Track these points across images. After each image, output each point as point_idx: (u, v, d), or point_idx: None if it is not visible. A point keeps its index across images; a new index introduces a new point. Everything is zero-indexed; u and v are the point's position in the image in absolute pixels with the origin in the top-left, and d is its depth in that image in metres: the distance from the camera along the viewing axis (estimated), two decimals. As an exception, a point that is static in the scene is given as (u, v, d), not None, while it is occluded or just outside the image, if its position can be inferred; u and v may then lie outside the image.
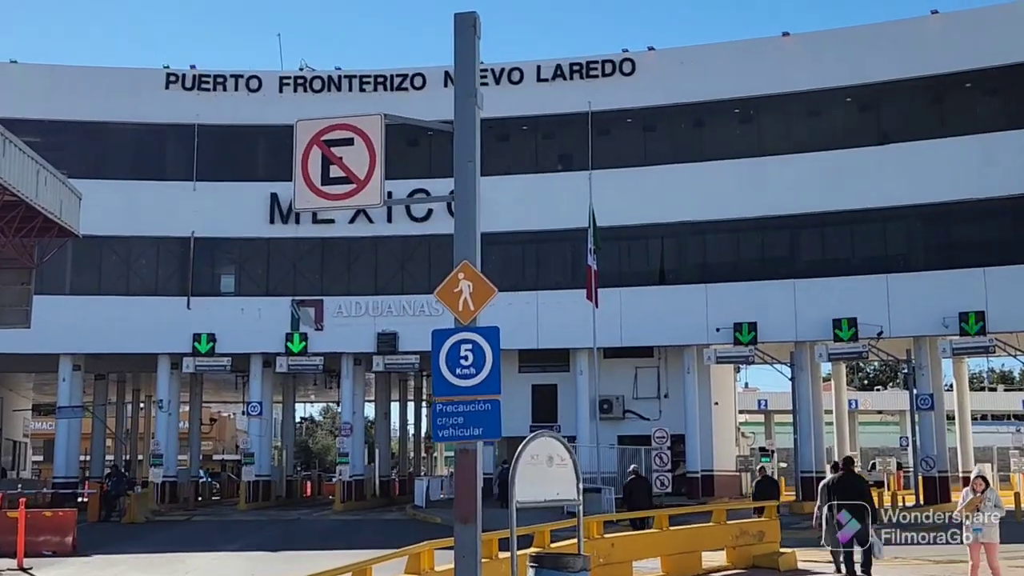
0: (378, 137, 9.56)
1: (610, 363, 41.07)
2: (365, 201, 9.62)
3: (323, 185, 9.59)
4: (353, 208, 9.31)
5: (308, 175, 9.62)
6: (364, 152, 9.55)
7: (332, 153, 9.58)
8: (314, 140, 9.65)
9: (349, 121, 9.65)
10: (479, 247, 9.44)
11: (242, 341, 41.02)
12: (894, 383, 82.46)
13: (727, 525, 17.16)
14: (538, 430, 34.68)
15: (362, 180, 9.53)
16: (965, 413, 45.24)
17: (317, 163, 9.63)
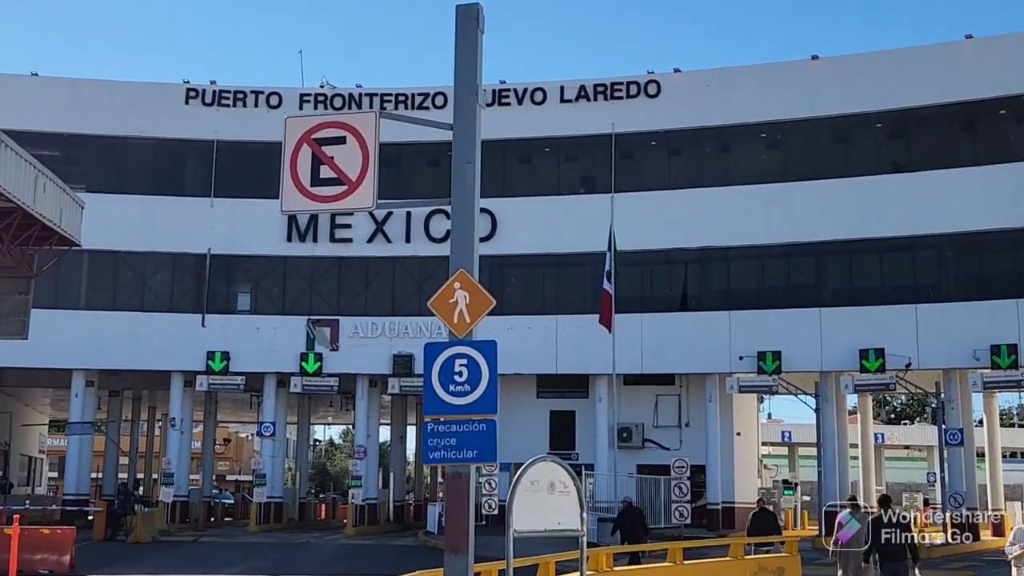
0: (372, 136, 8.90)
1: (630, 390, 40.31)
2: (356, 204, 8.94)
3: (312, 187, 8.93)
4: (344, 211, 8.56)
5: (297, 175, 8.97)
6: (357, 152, 8.89)
7: (323, 152, 8.93)
8: (304, 138, 8.99)
9: (342, 119, 9.00)
10: (476, 255, 8.74)
11: (256, 360, 40.47)
12: (921, 417, 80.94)
13: (745, 560, 16.30)
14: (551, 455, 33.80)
15: (354, 181, 8.87)
16: (996, 449, 43.99)
17: (307, 163, 8.97)
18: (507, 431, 40.52)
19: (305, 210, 9.07)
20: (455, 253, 8.71)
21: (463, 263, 8.65)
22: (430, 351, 8.62)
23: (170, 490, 38.67)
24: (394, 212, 40.48)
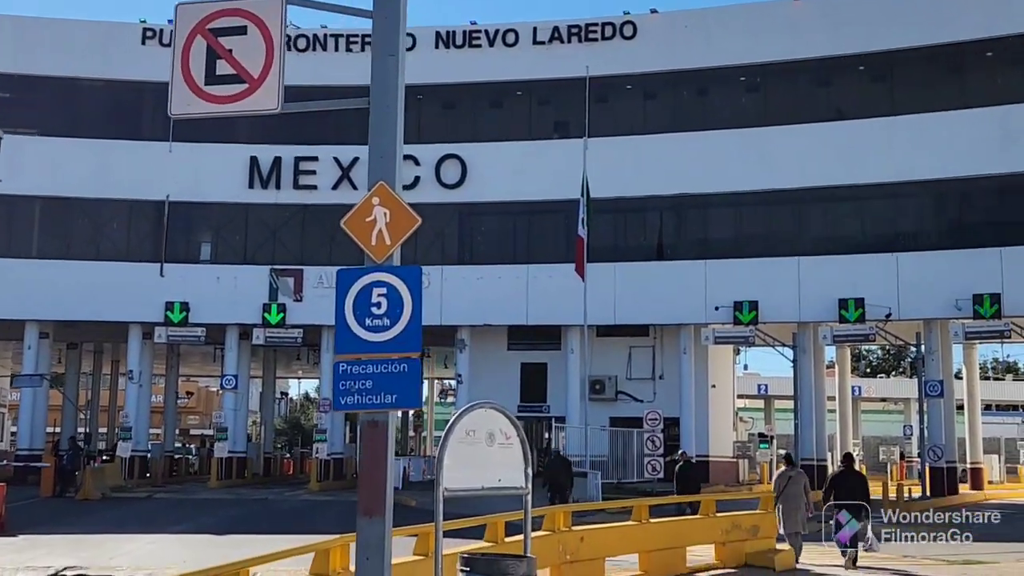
0: (278, 25, 7.54)
1: (603, 342, 39.22)
2: (258, 105, 7.60)
3: (207, 85, 7.59)
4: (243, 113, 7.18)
5: (189, 72, 7.62)
6: (260, 43, 7.54)
7: (220, 45, 7.57)
8: (198, 29, 7.63)
9: (241, 5, 7.60)
10: (399, 164, 7.41)
11: (217, 311, 39.06)
12: (898, 372, 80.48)
13: (716, 518, 15.17)
14: (522, 408, 32.65)
15: (256, 79, 7.53)
16: (975, 401, 43.13)
17: (201, 57, 7.62)
18: (477, 384, 39.70)
19: (199, 113, 7.71)
20: (374, 162, 7.40)
21: (383, 174, 7.34)
22: (343, 279, 7.36)
23: (127, 445, 37.36)
24: (360, 158, 38.92)
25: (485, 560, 7.74)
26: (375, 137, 7.39)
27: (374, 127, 7.40)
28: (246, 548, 14.17)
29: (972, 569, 15.86)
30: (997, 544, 20.47)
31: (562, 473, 25.09)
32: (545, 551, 11.98)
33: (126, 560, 15.72)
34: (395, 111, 7.36)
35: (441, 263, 39.36)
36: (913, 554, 18.41)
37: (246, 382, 41.67)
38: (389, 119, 7.34)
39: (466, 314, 38.83)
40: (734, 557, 15.01)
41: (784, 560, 15.13)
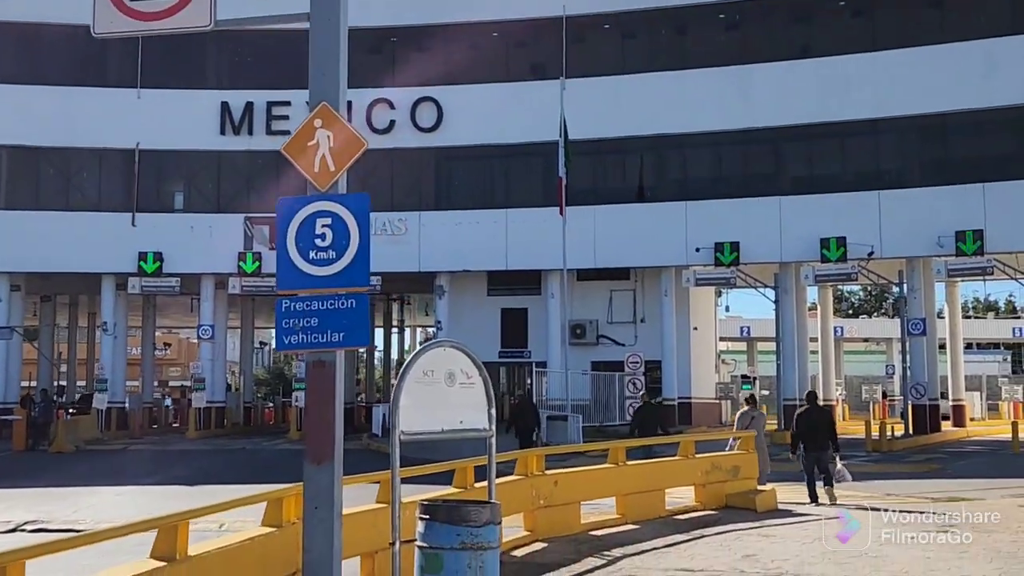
0: (209, -64, 6.93)
1: (584, 286, 38.84)
2: (189, 22, 7.03)
3: (133, 1, 6.98)
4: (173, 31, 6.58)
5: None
6: (189, -44, 6.93)
7: (147, -42, 6.96)
8: (123, -60, 7.01)
9: (169, -87, 6.99)
10: (344, 82, 6.85)
11: (192, 261, 38.44)
12: (879, 312, 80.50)
13: (696, 459, 14.80)
14: (503, 354, 32.20)
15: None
16: (957, 339, 43.09)
17: (126, -28, 7.00)
18: (457, 330, 39.24)
19: (124, 32, 7.15)
20: (315, 80, 6.83)
21: (326, 93, 6.79)
22: (285, 209, 6.83)
23: (103, 396, 36.84)
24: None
25: (446, 507, 7.31)
26: (316, 53, 6.82)
27: (315, 42, 6.83)
28: (214, 498, 13.75)
29: (957, 507, 15.55)
30: (981, 481, 20.33)
31: (529, 415, 25.09)
32: (517, 496, 11.61)
33: (89, 513, 15.30)
34: (337, 22, 6.79)
35: (418, 209, 38.81)
36: (897, 492, 18.19)
37: (223, 332, 41.16)
38: (331, 32, 6.77)
39: (445, 260, 38.34)
40: (714, 499, 14.68)
41: (765, 501, 14.82)
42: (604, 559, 10.79)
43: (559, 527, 12.09)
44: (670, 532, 12.50)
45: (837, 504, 15.67)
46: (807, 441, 15.96)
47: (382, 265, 38.43)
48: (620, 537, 12.24)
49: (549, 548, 11.46)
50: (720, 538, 12.12)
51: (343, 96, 6.83)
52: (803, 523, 13.53)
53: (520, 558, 10.98)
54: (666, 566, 10.37)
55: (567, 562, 10.61)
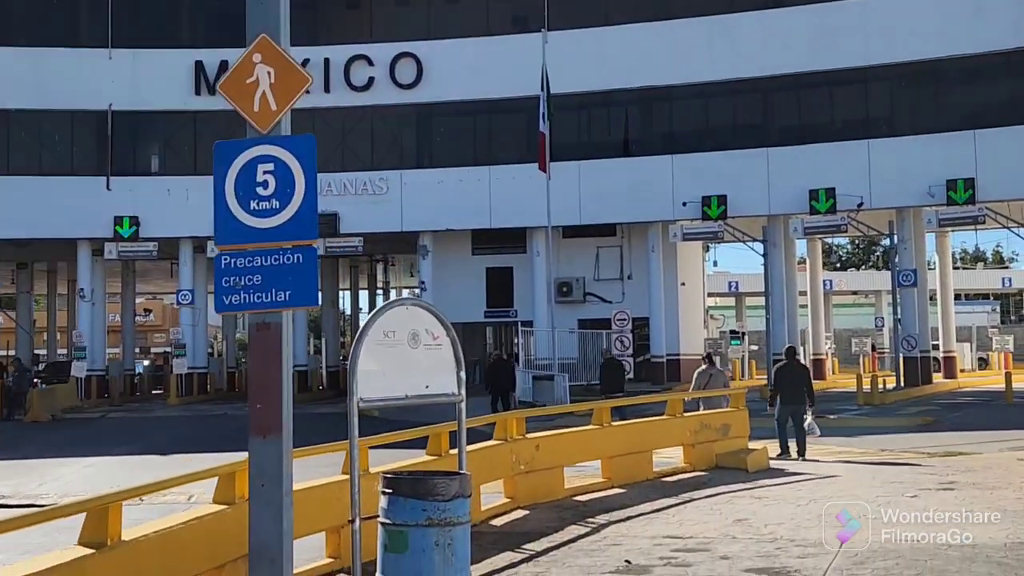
0: None
1: (569, 243, 38.28)
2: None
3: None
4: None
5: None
6: None
7: None
8: None
9: None
10: (286, 11, 6.14)
11: (169, 224, 37.63)
12: (868, 266, 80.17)
13: (684, 418, 14.24)
14: (489, 314, 31.60)
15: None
16: (948, 290, 42.61)
17: None
18: (441, 291, 38.59)
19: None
20: (252, 9, 6.11)
21: (265, 24, 6.08)
22: (221, 154, 6.13)
23: (83, 364, 36.20)
24: (311, 59, 37.09)
25: (411, 480, 6.70)
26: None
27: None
28: (187, 467, 13.15)
29: (954, 461, 15.09)
30: (975, 433, 19.86)
31: (502, 376, 24.84)
32: (496, 462, 11.04)
33: (56, 486, 14.71)
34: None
35: (399, 167, 38.05)
36: (891, 447, 17.71)
37: (204, 297, 40.36)
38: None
39: (427, 219, 37.64)
40: (704, 459, 14.12)
41: (757, 460, 14.27)
42: (588, 527, 10.23)
43: (541, 493, 11.53)
44: (658, 496, 11.94)
45: (806, 459, 15.34)
46: (785, 395, 16.11)
47: (363, 225, 37.87)
48: (605, 502, 11.69)
49: (530, 516, 10.90)
50: (710, 501, 11.57)
51: (285, 27, 6.13)
52: (797, 483, 13.00)
53: (499, 527, 10.42)
54: (653, 533, 9.81)
55: (549, 531, 10.05)
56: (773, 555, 8.74)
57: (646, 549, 9.08)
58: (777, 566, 8.34)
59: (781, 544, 9.18)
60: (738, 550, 8.95)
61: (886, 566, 8.19)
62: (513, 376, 25.76)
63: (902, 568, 8.11)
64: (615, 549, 9.13)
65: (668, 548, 9.10)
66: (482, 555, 9.00)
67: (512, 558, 8.88)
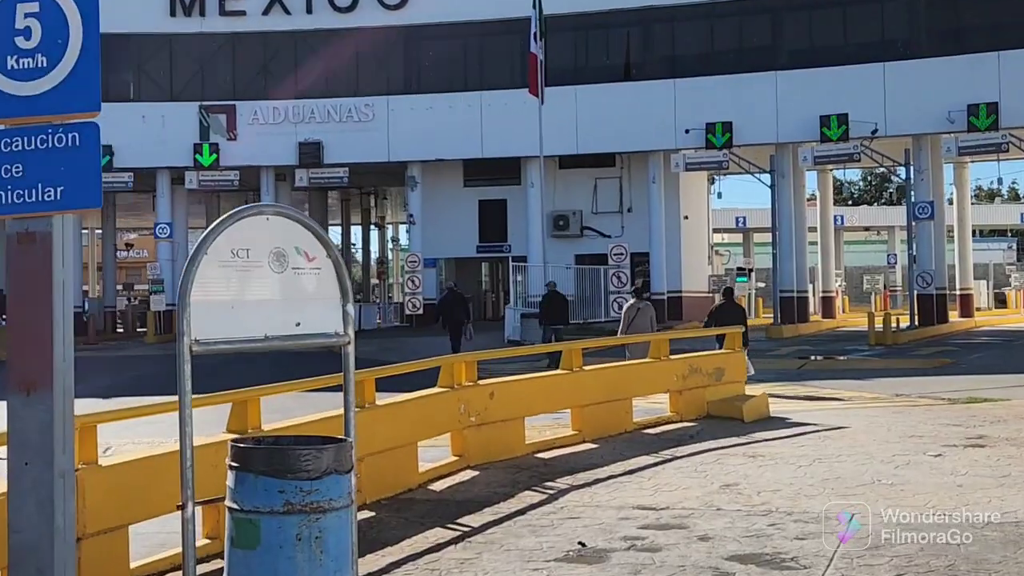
0: None
1: (566, 174, 36.41)
2: None
3: None
4: None
5: None
6: None
7: None
8: None
9: None
10: None
11: (145, 154, 35.75)
12: (880, 202, 77.95)
13: (670, 361, 12.42)
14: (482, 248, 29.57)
15: None
16: (966, 225, 40.58)
17: None
18: (432, 223, 36.73)
19: None
20: None
21: None
22: (-38, -11, 4.24)
23: (55, 302, 34.47)
24: (292, -22, 35.08)
25: (264, 451, 4.95)
26: None
27: None
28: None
29: (980, 409, 13.31)
30: (998, 377, 18.09)
31: (457, 308, 23.87)
32: (439, 413, 9.29)
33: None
34: None
35: (386, 93, 36.05)
36: (907, 391, 15.94)
37: (184, 231, 38.65)
38: None
39: (416, 149, 35.75)
40: (693, 407, 12.34)
41: (755, 408, 12.50)
42: (544, 493, 8.49)
43: (497, 450, 9.79)
44: (635, 453, 10.18)
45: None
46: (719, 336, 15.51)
47: (349, 155, 35.96)
48: (572, 460, 9.94)
49: (479, 478, 9.17)
50: (695, 460, 9.80)
51: None
52: (798, 436, 11.23)
53: (438, 493, 8.69)
54: (621, 502, 8.07)
55: (496, 498, 8.31)
56: (765, 534, 6.98)
57: (609, 525, 7.34)
58: (768, 551, 6.58)
59: (776, 518, 7.42)
60: (722, 527, 7.20)
61: (908, 552, 6.43)
62: (468, 309, 24.79)
63: (927, 557, 6.34)
64: (571, 525, 7.39)
65: (636, 523, 7.36)
66: (403, 533, 7.29)
67: (439, 537, 7.15)
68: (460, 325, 23.36)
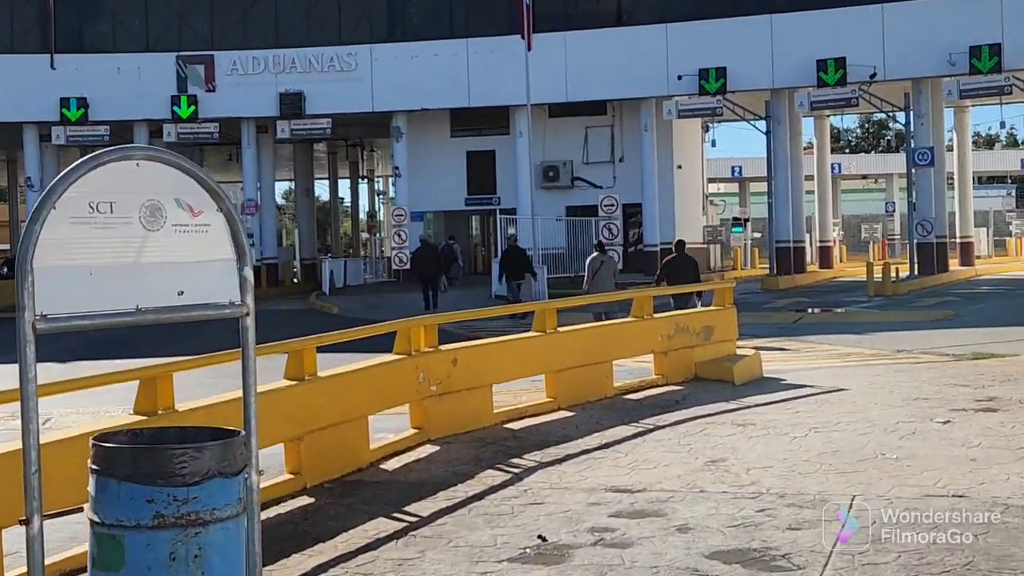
0: None
1: (556, 123, 35.52)
2: None
3: None
4: None
5: None
6: None
7: None
8: None
9: None
10: None
11: (121, 107, 34.73)
12: (878, 150, 76.75)
13: (654, 320, 11.49)
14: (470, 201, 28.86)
15: None
16: (966, 171, 39.59)
17: None
18: (419, 176, 35.66)
19: None
20: None
21: None
22: None
23: (31, 260, 33.49)
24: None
25: (129, 453, 4.04)
26: None
27: None
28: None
29: (987, 367, 12.43)
30: (1004, 330, 17.22)
31: (431, 263, 23.91)
32: (395, 383, 8.39)
33: None
34: None
35: (369, 41, 34.94)
36: (908, 347, 15.08)
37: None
38: None
39: (401, 99, 34.70)
40: (680, 369, 11.44)
41: (746, 369, 11.60)
42: (507, 472, 7.60)
43: (462, 421, 8.89)
44: (613, 422, 9.29)
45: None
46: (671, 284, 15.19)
47: (331, 106, 34.83)
48: (544, 431, 9.05)
49: (439, 455, 8.28)
50: (679, 430, 8.90)
51: None
52: (794, 401, 10.34)
53: (390, 473, 7.80)
54: (593, 483, 7.18)
55: (454, 480, 7.42)
56: (754, 523, 6.10)
57: (576, 512, 6.45)
58: (756, 546, 5.69)
59: (767, 502, 6.54)
60: (705, 514, 6.31)
61: (918, 547, 5.55)
62: (440, 263, 25.08)
63: (941, 552, 5.46)
64: (533, 512, 6.51)
65: (607, 510, 6.47)
66: (341, 525, 6.40)
67: (381, 530, 6.26)
68: (434, 279, 22.90)
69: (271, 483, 7.17)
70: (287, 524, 6.50)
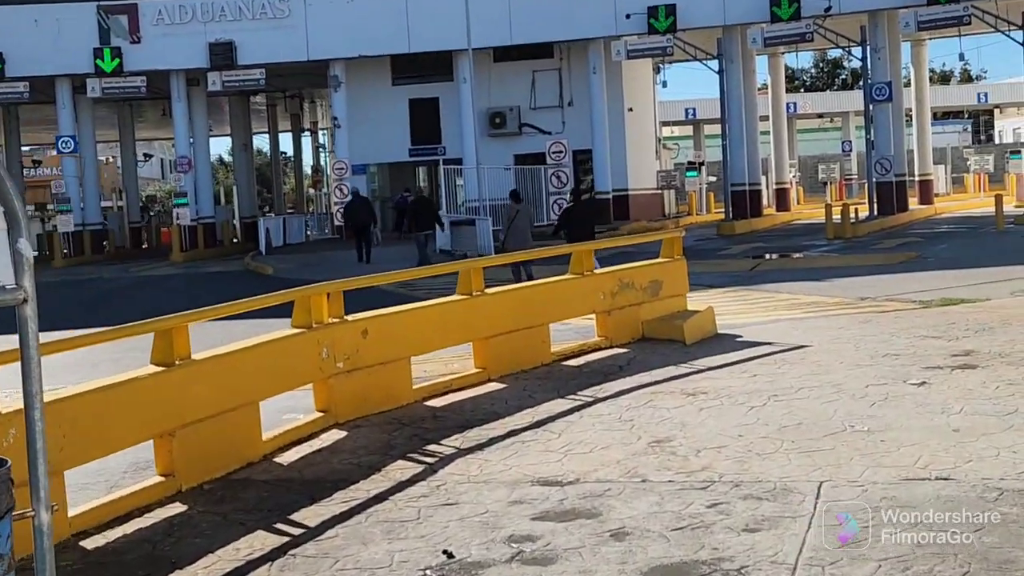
0: None
1: (501, 67, 34.12)
2: None
3: None
4: None
5: None
6: None
7: None
8: None
9: None
10: None
11: (40, 61, 32.88)
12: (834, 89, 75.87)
13: (594, 277, 10.39)
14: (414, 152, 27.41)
15: None
16: (924, 107, 38.69)
17: None
18: (360, 127, 34.10)
19: None
20: None
21: None
22: None
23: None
24: None
25: None
26: None
27: None
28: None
29: (959, 313, 11.49)
30: (971, 272, 16.32)
31: (363, 212, 24.07)
32: (293, 360, 7.26)
33: None
34: None
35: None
36: (872, 294, 14.13)
37: (91, 144, 35.96)
38: None
39: (338, 46, 33.15)
40: (626, 329, 10.37)
41: (698, 327, 10.54)
42: (420, 463, 6.51)
43: (376, 399, 7.79)
44: (547, 395, 8.22)
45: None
46: (572, 236, 15.40)
47: (264, 55, 33.18)
48: (469, 409, 7.97)
49: (344, 443, 7.17)
50: (621, 403, 7.85)
51: None
52: (750, 361, 9.31)
53: (285, 468, 6.69)
54: (518, 474, 6.11)
55: (356, 474, 6.33)
56: (704, 523, 5.06)
57: (494, 515, 5.39)
58: (706, 556, 4.65)
59: (719, 494, 5.50)
60: (645, 513, 5.27)
61: (901, 553, 4.54)
62: (374, 214, 25.23)
63: (930, 560, 4.45)
64: (443, 517, 5.43)
65: (531, 511, 5.41)
66: (209, 544, 5.29)
67: (255, 549, 5.16)
68: (366, 230, 22.16)
69: (135, 489, 6.05)
70: (142, 545, 5.37)
